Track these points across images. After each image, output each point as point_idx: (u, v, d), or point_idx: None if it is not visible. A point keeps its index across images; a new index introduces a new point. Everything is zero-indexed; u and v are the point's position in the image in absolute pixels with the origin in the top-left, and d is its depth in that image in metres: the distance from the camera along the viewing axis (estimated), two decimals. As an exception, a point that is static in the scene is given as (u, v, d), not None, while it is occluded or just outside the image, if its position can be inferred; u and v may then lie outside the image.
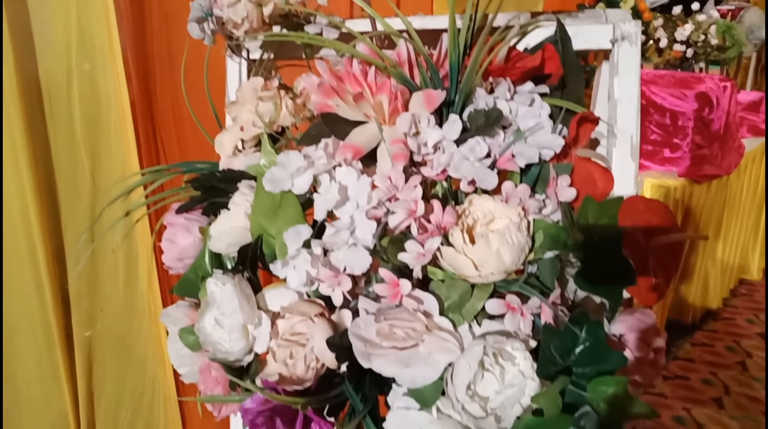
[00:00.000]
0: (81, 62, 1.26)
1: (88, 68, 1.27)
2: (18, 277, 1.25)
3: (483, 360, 0.56)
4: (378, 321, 0.58)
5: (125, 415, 1.46)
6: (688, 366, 2.50)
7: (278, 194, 0.63)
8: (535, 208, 0.61)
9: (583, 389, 0.55)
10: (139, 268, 1.37)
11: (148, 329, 1.40)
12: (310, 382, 0.60)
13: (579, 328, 0.54)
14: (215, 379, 0.64)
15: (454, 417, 0.58)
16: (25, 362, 1.32)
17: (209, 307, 0.63)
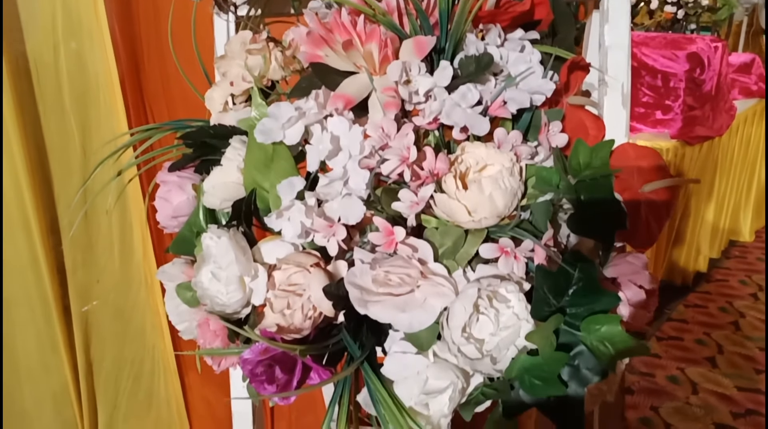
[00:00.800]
0: (68, 40, 1.24)
1: (75, 47, 1.25)
2: (13, 250, 1.25)
3: (478, 303, 0.57)
4: (373, 269, 0.58)
5: (126, 384, 1.47)
6: (682, 327, 2.53)
7: (270, 147, 0.63)
8: (527, 154, 0.61)
9: (576, 329, 0.56)
10: (133, 238, 1.37)
11: (145, 300, 1.41)
12: (308, 331, 0.61)
13: (572, 268, 0.55)
14: (213, 333, 0.64)
15: (451, 360, 0.59)
16: (23, 334, 1.32)
17: (205, 262, 0.64)
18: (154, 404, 1.53)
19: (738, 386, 2.14)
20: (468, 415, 0.59)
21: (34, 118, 1.25)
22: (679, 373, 2.21)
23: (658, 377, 2.19)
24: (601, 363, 0.55)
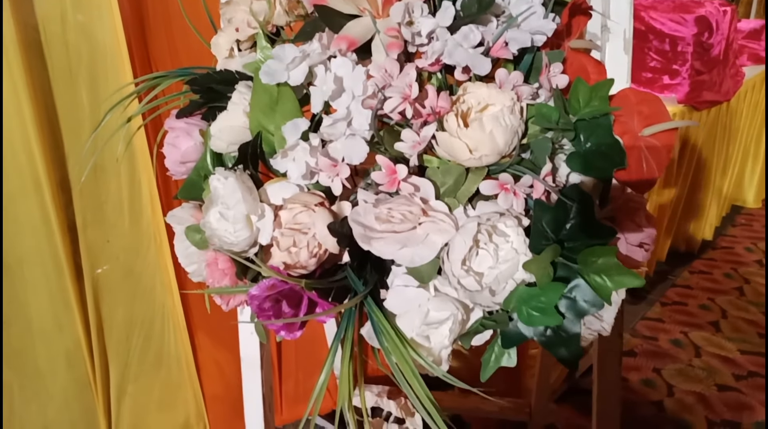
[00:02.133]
0: (75, 12, 1.25)
1: (82, 19, 1.26)
2: (24, 208, 1.27)
3: (477, 238, 0.58)
4: (376, 207, 0.60)
5: (137, 342, 1.50)
6: (686, 292, 2.54)
7: (275, 90, 0.65)
8: (528, 94, 0.62)
9: (574, 263, 0.58)
10: (142, 198, 1.39)
11: (154, 258, 1.43)
12: (313, 268, 0.63)
13: (570, 202, 0.56)
14: (222, 271, 0.66)
15: (451, 294, 0.61)
16: (35, 292, 1.35)
17: (213, 203, 0.65)
18: (165, 363, 1.56)
19: (741, 349, 2.16)
20: (467, 343, 0.61)
21: (44, 82, 1.26)
22: (682, 336, 2.24)
23: (662, 341, 2.21)
24: (598, 295, 0.57)
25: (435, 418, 0.58)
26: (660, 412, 1.85)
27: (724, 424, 1.79)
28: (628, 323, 2.31)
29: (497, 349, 0.61)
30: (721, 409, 1.86)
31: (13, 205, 1.27)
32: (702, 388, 1.94)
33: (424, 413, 0.59)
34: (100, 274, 1.39)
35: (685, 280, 2.64)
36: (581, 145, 0.62)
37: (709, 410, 1.85)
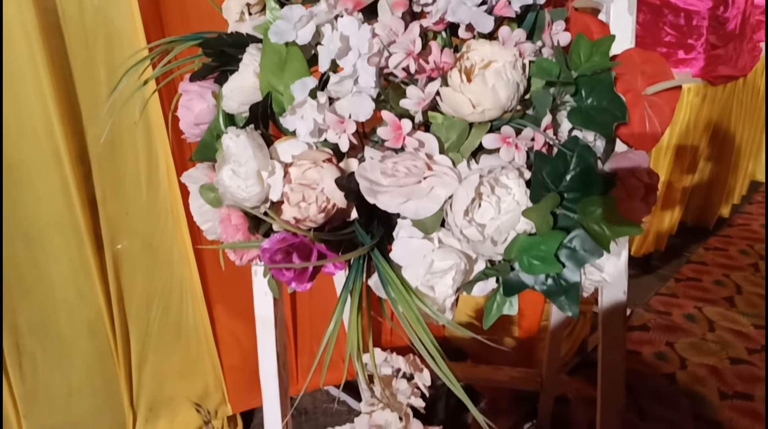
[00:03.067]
0: None
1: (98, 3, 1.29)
2: (44, 180, 1.31)
3: (480, 190, 0.60)
4: (382, 163, 0.62)
5: (156, 313, 1.54)
6: (701, 268, 2.54)
7: (284, 50, 0.67)
8: (530, 51, 0.63)
9: (574, 213, 0.59)
10: (159, 171, 1.41)
11: (172, 231, 1.47)
12: (322, 221, 0.65)
13: (570, 153, 0.58)
14: (235, 227, 0.69)
15: (455, 245, 0.63)
16: (57, 262, 1.39)
17: (226, 161, 0.68)
18: (183, 333, 1.60)
19: (755, 324, 2.16)
20: (469, 290, 0.63)
21: (63, 61, 1.29)
22: (696, 311, 2.24)
23: (675, 315, 2.22)
24: (598, 244, 0.59)
25: (438, 361, 0.60)
26: (672, 384, 1.86)
27: (736, 396, 1.80)
28: (642, 298, 2.32)
29: (499, 297, 0.63)
30: (733, 381, 1.86)
31: (34, 178, 1.31)
32: (715, 361, 1.95)
33: (428, 357, 0.62)
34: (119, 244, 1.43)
35: (700, 257, 2.63)
36: (582, 100, 0.63)
37: (721, 382, 1.86)
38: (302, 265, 0.61)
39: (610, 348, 0.82)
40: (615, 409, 0.86)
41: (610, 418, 0.87)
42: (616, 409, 0.86)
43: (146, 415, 1.61)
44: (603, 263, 0.65)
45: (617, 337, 0.83)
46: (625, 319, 0.84)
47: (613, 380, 0.85)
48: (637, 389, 1.83)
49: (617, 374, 0.83)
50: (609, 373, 0.83)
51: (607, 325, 0.83)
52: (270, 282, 0.80)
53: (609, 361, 0.83)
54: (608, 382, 0.85)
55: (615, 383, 0.86)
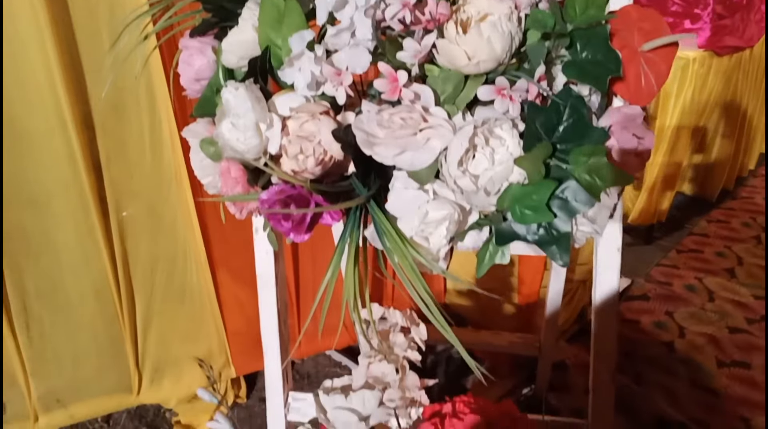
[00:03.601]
0: None
1: None
2: (50, 146, 1.32)
3: (474, 142, 0.61)
4: (379, 114, 0.63)
5: (160, 277, 1.57)
6: (703, 241, 2.55)
7: (282, 3, 0.67)
8: (527, 4, 0.64)
9: (566, 163, 0.60)
10: (163, 137, 1.42)
11: (176, 195, 1.48)
12: (320, 173, 0.66)
13: (563, 104, 0.59)
14: (234, 180, 0.70)
15: (449, 196, 0.64)
16: (64, 227, 1.41)
17: (225, 115, 0.69)
18: (188, 297, 1.63)
19: (755, 295, 2.17)
20: (461, 238, 0.65)
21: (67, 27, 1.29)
22: (696, 282, 2.25)
23: (676, 286, 2.23)
24: (589, 194, 0.60)
25: (431, 308, 0.62)
26: (670, 351, 1.88)
27: (733, 364, 1.82)
28: (643, 269, 2.33)
29: (492, 247, 0.64)
30: (731, 350, 1.88)
31: (39, 142, 1.32)
32: (713, 330, 1.97)
33: (421, 304, 0.63)
34: (123, 208, 1.44)
35: (702, 229, 2.64)
36: (577, 54, 0.64)
37: (719, 351, 1.88)
38: (300, 211, 0.62)
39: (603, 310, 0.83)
40: (608, 369, 0.88)
41: (603, 378, 0.89)
42: (609, 369, 0.88)
43: (151, 376, 1.64)
44: (595, 215, 0.66)
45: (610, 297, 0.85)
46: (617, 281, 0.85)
47: (606, 340, 0.87)
48: (635, 355, 1.85)
49: (610, 334, 0.85)
50: (602, 334, 0.85)
51: (600, 283, 0.85)
52: (269, 235, 0.81)
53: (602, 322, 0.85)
54: (601, 343, 0.87)
55: (607, 344, 0.87)
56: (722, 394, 1.71)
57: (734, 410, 1.66)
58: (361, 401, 0.83)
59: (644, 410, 1.65)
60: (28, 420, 1.57)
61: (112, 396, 1.63)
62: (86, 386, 1.59)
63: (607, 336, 0.86)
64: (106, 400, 1.63)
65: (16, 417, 1.57)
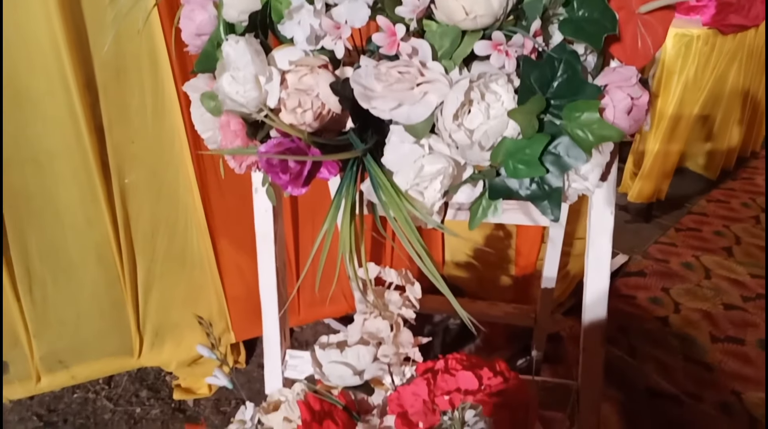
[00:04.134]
0: None
1: None
2: (53, 106, 1.33)
3: (470, 97, 0.62)
4: (376, 68, 0.64)
5: (161, 241, 1.58)
6: (702, 220, 2.56)
7: (283, -42, 0.68)
8: (524, -39, 0.64)
9: (560, 119, 0.61)
10: (164, 101, 1.43)
11: (177, 160, 1.49)
12: (318, 127, 0.67)
13: (558, 60, 0.59)
14: (234, 133, 0.71)
15: (444, 151, 0.65)
16: (66, 187, 1.43)
17: (225, 68, 0.70)
18: (188, 262, 1.65)
19: (751, 273, 2.19)
20: (454, 192, 0.66)
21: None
22: (693, 260, 2.27)
23: (673, 263, 2.25)
24: (581, 149, 0.61)
25: (423, 258, 0.63)
26: (665, 326, 1.90)
27: (727, 340, 1.84)
28: (641, 246, 2.35)
29: (484, 202, 0.65)
30: (725, 325, 1.90)
31: (42, 104, 1.33)
32: (708, 307, 1.99)
33: (416, 257, 0.65)
34: (126, 173, 1.45)
35: (702, 208, 2.65)
36: (574, 11, 0.64)
37: (713, 326, 1.90)
38: (297, 158, 0.63)
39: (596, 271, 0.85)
40: (599, 330, 0.90)
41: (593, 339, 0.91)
42: (600, 330, 0.90)
43: (152, 339, 1.67)
44: (587, 173, 0.67)
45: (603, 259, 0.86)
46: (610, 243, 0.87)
47: (597, 301, 0.89)
48: (629, 329, 1.87)
49: (601, 296, 0.87)
50: (593, 295, 0.86)
51: (593, 245, 0.86)
52: (268, 191, 0.83)
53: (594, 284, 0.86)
54: (593, 304, 0.89)
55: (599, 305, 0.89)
56: (715, 369, 1.73)
57: (727, 384, 1.68)
58: (356, 356, 0.85)
59: (637, 382, 1.67)
60: (31, 380, 1.60)
61: (113, 358, 1.66)
62: (88, 348, 1.62)
63: (598, 297, 0.87)
64: (108, 362, 1.66)
65: (19, 377, 1.60)
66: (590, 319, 0.89)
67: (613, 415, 1.57)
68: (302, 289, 1.86)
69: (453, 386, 0.84)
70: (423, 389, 0.84)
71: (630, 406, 1.59)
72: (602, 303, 0.88)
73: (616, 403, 1.60)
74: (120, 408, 1.66)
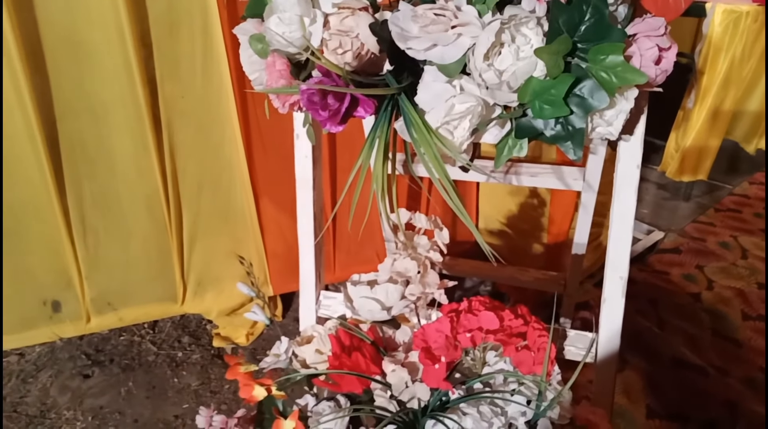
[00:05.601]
0: None
1: None
2: (109, 59, 1.41)
3: (501, 39, 0.65)
4: (413, 10, 0.68)
5: (206, 196, 1.66)
6: (743, 201, 2.53)
7: None
8: None
9: (585, 62, 0.65)
10: (214, 58, 1.49)
11: (224, 117, 1.55)
12: (357, 66, 0.72)
13: (586, 3, 0.63)
14: (279, 72, 0.76)
15: (474, 92, 0.69)
16: (119, 137, 1.51)
17: (273, 11, 0.75)
18: (231, 217, 1.72)
19: (790, 255, 2.16)
20: (483, 131, 0.70)
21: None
22: (731, 240, 2.25)
23: (709, 242, 2.23)
24: (605, 91, 0.64)
25: (450, 194, 0.68)
26: (696, 302, 1.91)
27: (759, 318, 1.84)
28: (678, 225, 2.34)
29: (511, 140, 0.69)
30: (758, 304, 1.90)
31: (99, 54, 1.41)
32: (742, 285, 1.98)
33: (442, 190, 0.69)
34: (175, 126, 1.53)
35: (744, 190, 2.61)
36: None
37: (746, 304, 1.89)
38: (339, 89, 0.68)
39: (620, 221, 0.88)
40: (619, 278, 0.93)
41: (614, 288, 0.94)
42: (621, 278, 0.93)
43: (195, 288, 1.76)
44: (612, 119, 0.70)
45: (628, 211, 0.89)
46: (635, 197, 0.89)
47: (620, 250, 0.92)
48: (660, 303, 1.88)
49: (624, 245, 0.90)
50: (616, 245, 0.90)
51: (619, 197, 0.89)
52: (308, 131, 0.88)
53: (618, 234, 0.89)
54: (615, 252, 0.92)
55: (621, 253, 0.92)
56: (744, 345, 1.74)
57: (754, 360, 1.69)
58: (385, 293, 0.90)
59: (663, 352, 1.69)
60: (81, 320, 1.71)
61: (158, 303, 1.76)
62: (135, 292, 1.72)
63: (622, 248, 0.90)
64: (153, 307, 1.76)
65: (71, 316, 1.70)
66: (612, 269, 0.92)
67: (638, 382, 1.59)
68: (338, 249, 1.92)
69: (475, 325, 0.89)
70: (446, 326, 0.88)
71: (655, 375, 1.61)
72: (625, 253, 0.91)
73: (640, 371, 1.62)
74: (163, 352, 1.75)
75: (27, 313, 1.67)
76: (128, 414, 1.57)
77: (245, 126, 1.58)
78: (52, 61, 1.39)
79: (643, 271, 2.06)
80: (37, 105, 1.40)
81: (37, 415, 1.57)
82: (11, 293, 1.63)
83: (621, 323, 0.96)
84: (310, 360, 0.96)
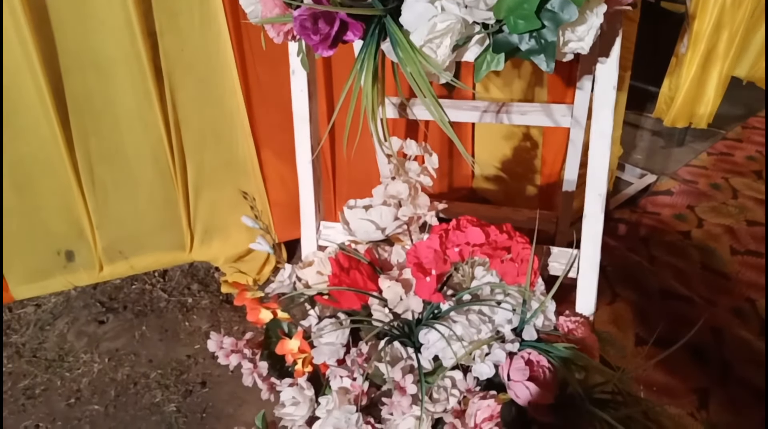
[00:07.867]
0: None
1: None
2: (111, 14, 1.45)
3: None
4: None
5: (209, 147, 1.72)
6: (735, 145, 2.57)
7: None
8: None
9: (556, -22, 0.70)
10: (210, 9, 1.53)
11: (223, 66, 1.60)
12: (344, -8, 0.77)
13: None
14: (273, 3, 0.81)
15: (454, 11, 0.74)
16: (123, 91, 1.56)
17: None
18: (233, 166, 1.78)
19: (780, 194, 2.21)
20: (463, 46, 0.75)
21: None
22: (722, 181, 2.30)
23: (701, 184, 2.29)
24: (572, 4, 0.69)
25: (432, 104, 0.73)
26: (686, 239, 1.97)
27: (747, 253, 1.90)
28: (670, 168, 2.39)
29: (489, 55, 0.74)
30: (747, 240, 1.96)
31: (101, 11, 1.45)
32: (731, 222, 2.04)
33: (427, 105, 0.75)
34: (176, 78, 1.58)
35: (737, 135, 2.65)
36: None
37: (735, 240, 1.96)
38: (329, 8, 0.73)
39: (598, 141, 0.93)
40: (599, 195, 0.99)
41: (594, 207, 1.00)
42: (600, 196, 0.99)
43: (202, 236, 1.83)
44: (583, 35, 0.75)
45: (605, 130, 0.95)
46: (612, 117, 0.95)
47: (598, 168, 0.98)
48: (651, 241, 1.95)
49: (602, 163, 0.96)
50: (595, 163, 0.95)
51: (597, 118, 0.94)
52: (302, 59, 0.93)
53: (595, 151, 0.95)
54: (594, 171, 0.98)
55: (599, 171, 0.98)
56: (732, 278, 1.80)
57: (742, 292, 1.75)
58: (379, 215, 0.97)
59: (653, 285, 1.76)
60: (94, 268, 1.79)
61: (167, 251, 1.83)
62: (145, 241, 1.79)
63: (599, 165, 0.96)
64: (163, 255, 1.83)
65: (84, 265, 1.78)
66: (592, 187, 0.98)
67: (627, 313, 1.67)
68: (338, 196, 1.97)
69: (463, 240, 0.95)
70: (436, 242, 0.95)
71: (644, 306, 1.69)
72: (603, 171, 0.97)
73: (630, 303, 1.70)
74: (174, 298, 1.83)
75: (42, 263, 1.75)
76: (143, 355, 1.65)
77: (244, 79, 1.63)
78: (56, 16, 1.43)
79: (635, 212, 2.12)
80: (43, 60, 1.45)
81: (55, 359, 1.65)
82: (26, 244, 1.70)
83: (601, 238, 1.02)
84: (312, 282, 1.03)
